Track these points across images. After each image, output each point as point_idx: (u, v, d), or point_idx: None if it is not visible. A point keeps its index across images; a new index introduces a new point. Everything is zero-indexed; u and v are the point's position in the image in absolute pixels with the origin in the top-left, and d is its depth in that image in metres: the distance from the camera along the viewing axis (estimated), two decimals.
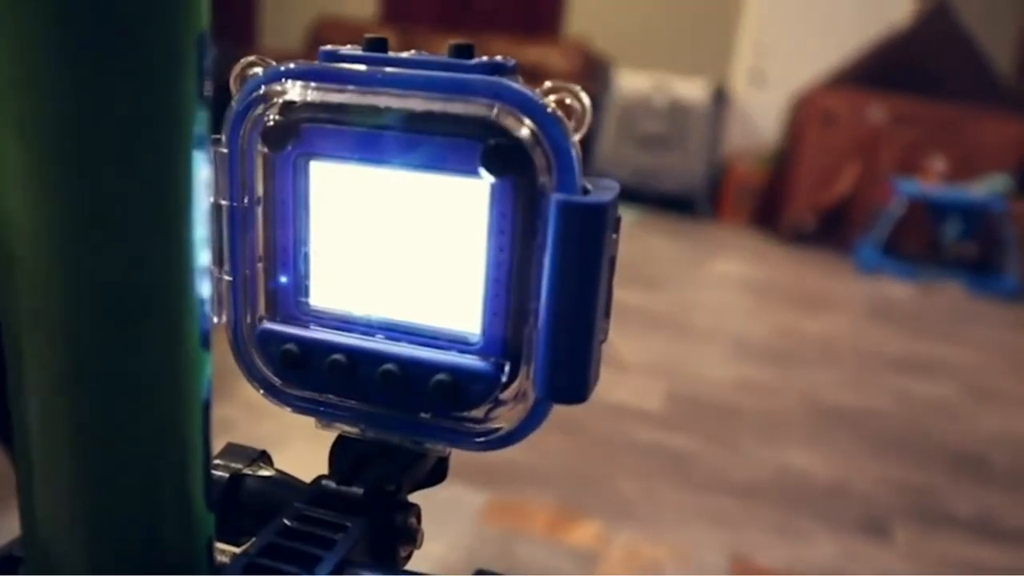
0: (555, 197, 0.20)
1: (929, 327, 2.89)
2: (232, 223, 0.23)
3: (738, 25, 4.52)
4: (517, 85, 0.21)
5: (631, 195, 3.97)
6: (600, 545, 1.36)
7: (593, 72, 4.29)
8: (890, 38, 3.94)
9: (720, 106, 4.32)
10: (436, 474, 0.26)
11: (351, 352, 0.23)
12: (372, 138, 0.23)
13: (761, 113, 4.43)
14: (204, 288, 0.17)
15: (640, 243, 3.52)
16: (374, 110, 0.22)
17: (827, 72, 4.03)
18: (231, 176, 0.23)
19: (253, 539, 0.22)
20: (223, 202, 0.23)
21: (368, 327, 0.24)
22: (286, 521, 0.22)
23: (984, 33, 3.87)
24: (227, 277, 0.24)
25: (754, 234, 4.04)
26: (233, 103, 0.23)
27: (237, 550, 0.23)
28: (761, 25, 4.44)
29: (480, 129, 0.21)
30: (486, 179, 0.22)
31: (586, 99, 0.21)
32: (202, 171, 0.16)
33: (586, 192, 0.21)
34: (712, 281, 3.18)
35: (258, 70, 0.23)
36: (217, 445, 1.04)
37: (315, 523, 0.22)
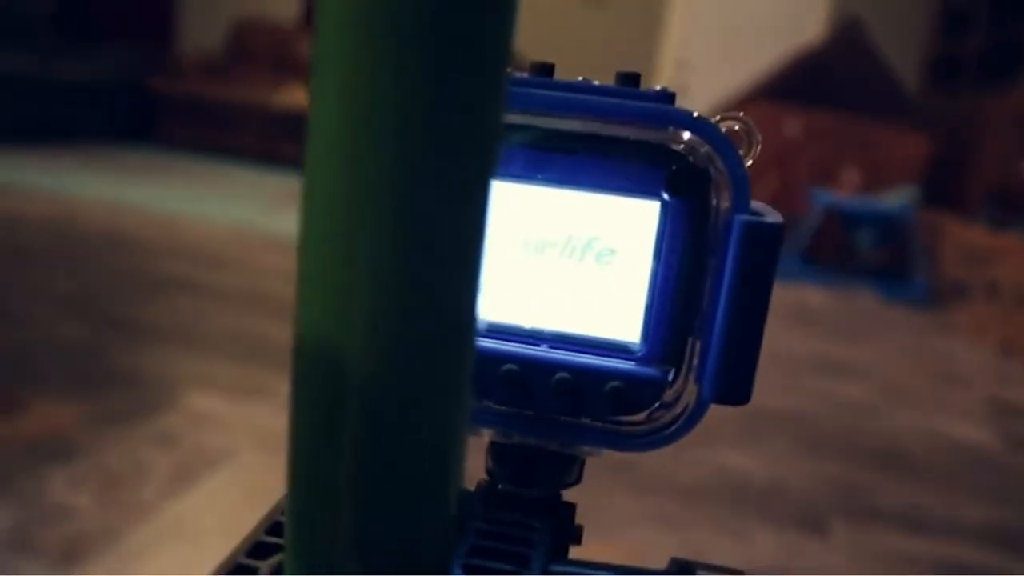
0: (739, 218, 0.22)
1: (846, 331, 3.03)
2: None
3: (660, 40, 4.65)
4: (694, 112, 0.23)
5: None
6: None
7: None
8: (804, 55, 4.12)
9: None
10: (578, 476, 0.27)
11: (524, 361, 0.24)
12: (546, 160, 0.24)
13: None
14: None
15: None
16: (551, 133, 0.24)
17: (746, 86, 4.18)
18: None
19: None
20: None
21: (535, 338, 0.25)
22: (480, 525, 0.23)
23: (893, 51, 4.09)
24: None
25: None
26: None
27: None
28: (682, 41, 4.58)
29: (658, 153, 0.23)
30: (660, 200, 0.23)
31: (755, 127, 0.23)
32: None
33: (754, 212, 0.23)
34: None
35: None
36: (165, 456, 1.02)
37: (506, 524, 0.23)
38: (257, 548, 0.20)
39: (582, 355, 0.24)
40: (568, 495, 0.27)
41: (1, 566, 1.13)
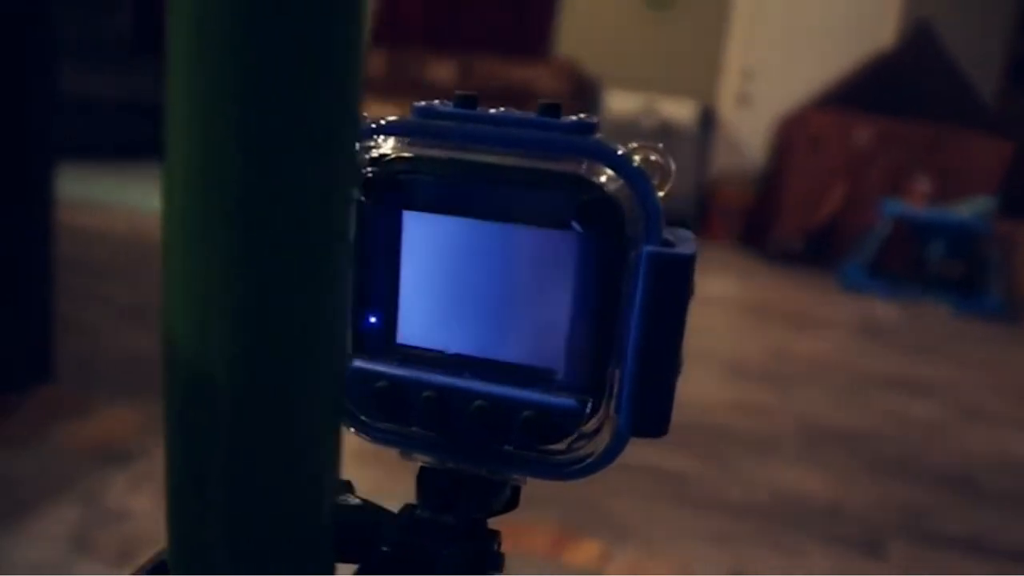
0: (647, 250, 0.22)
1: (916, 346, 2.92)
2: None
3: (725, 48, 4.58)
4: (607, 143, 0.23)
5: None
6: (601, 565, 1.37)
7: (582, 93, 4.34)
8: (874, 61, 4.01)
9: (707, 128, 4.37)
10: (511, 501, 0.27)
11: (442, 389, 0.24)
12: (464, 191, 0.24)
13: (748, 135, 4.49)
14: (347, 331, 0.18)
15: None
16: (468, 165, 0.24)
17: (813, 94, 4.09)
18: None
19: (353, 568, 0.23)
20: None
21: (457, 365, 0.25)
22: (384, 549, 0.23)
23: (968, 55, 3.95)
24: None
25: (741, 254, 4.08)
26: None
27: None
28: (747, 49, 4.51)
29: (571, 184, 0.23)
30: (575, 231, 0.23)
31: (669, 158, 0.23)
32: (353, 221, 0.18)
33: (668, 243, 0.23)
34: (702, 301, 3.17)
35: None
36: None
37: (413, 550, 0.23)
38: (160, 566, 0.20)
39: (499, 384, 0.24)
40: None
41: (61, 564, 1.18)
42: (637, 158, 0.23)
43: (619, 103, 4.33)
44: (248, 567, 0.18)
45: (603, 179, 0.23)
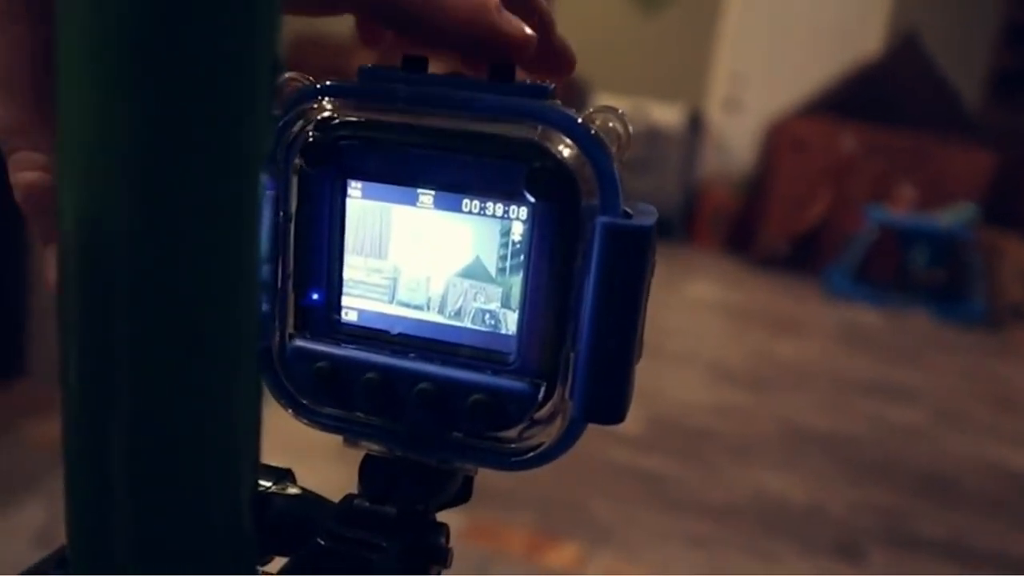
0: (601, 220, 0.20)
1: (898, 352, 2.93)
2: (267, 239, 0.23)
3: (714, 53, 4.59)
4: (561, 108, 0.22)
5: None
6: (578, 567, 1.36)
7: (570, 96, 4.32)
8: (861, 69, 4.02)
9: (695, 132, 4.37)
10: (462, 493, 0.26)
11: (385, 370, 0.23)
12: (412, 157, 0.23)
13: (735, 140, 4.49)
14: (263, 306, 0.17)
15: None
16: (415, 130, 0.22)
17: (800, 101, 4.10)
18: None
19: (286, 559, 0.22)
20: None
21: (403, 346, 0.24)
22: (320, 541, 0.22)
23: (953, 65, 3.97)
24: None
25: (727, 258, 4.08)
26: None
27: (269, 570, 0.22)
28: (736, 54, 4.52)
29: (523, 151, 0.21)
30: (528, 201, 0.22)
31: (629, 123, 0.21)
32: (266, 190, 0.16)
33: (627, 215, 0.21)
34: (687, 304, 3.20)
35: (297, 85, 0.23)
36: None
37: (350, 543, 0.22)
38: (62, 563, 0.19)
39: (446, 366, 0.23)
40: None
41: (26, 561, 1.16)
42: (596, 124, 0.21)
43: None
44: (154, 562, 0.17)
45: (560, 146, 0.21)
